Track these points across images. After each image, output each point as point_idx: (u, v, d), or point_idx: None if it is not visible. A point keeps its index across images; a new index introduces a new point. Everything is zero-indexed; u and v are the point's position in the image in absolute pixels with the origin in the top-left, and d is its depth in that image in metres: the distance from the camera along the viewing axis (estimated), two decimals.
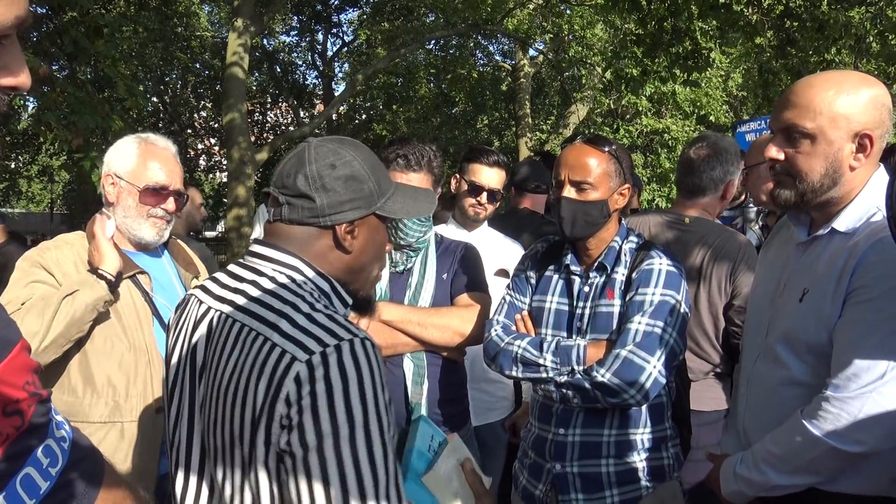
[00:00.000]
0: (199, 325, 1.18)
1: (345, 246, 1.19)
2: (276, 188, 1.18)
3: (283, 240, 1.18)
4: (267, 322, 1.07)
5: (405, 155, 2.03)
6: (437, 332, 1.97)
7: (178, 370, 1.21)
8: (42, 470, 0.78)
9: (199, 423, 1.16)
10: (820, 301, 1.49)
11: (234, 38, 9.73)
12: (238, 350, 1.07)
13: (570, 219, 1.79)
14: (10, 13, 0.68)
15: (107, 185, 2.02)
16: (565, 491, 1.81)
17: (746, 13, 6.85)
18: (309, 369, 1.00)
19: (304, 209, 1.16)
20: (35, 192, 34.18)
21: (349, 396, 1.00)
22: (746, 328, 1.81)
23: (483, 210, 2.70)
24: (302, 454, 0.99)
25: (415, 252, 2.07)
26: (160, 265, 2.13)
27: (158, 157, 2.04)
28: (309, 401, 0.99)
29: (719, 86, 14.84)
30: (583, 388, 1.72)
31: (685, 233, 2.42)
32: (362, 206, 1.19)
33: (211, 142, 22.09)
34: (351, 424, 0.99)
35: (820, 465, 1.45)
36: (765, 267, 1.81)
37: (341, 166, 1.16)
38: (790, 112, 1.50)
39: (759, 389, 1.64)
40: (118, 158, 2.03)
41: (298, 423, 0.99)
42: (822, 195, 1.52)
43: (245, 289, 1.15)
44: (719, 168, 2.42)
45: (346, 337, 1.04)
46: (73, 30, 5.30)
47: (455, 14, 13.58)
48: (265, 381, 1.01)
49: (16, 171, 19.51)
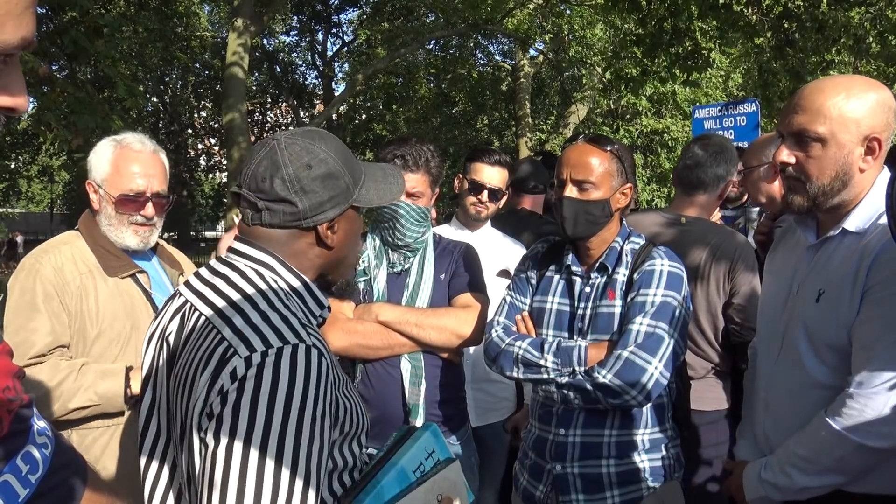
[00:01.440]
0: (175, 317, 1.18)
1: (327, 243, 1.18)
2: (251, 192, 1.15)
3: (261, 240, 1.17)
4: (223, 316, 1.07)
5: (403, 155, 2.03)
6: (434, 333, 1.96)
7: (152, 359, 1.21)
8: (21, 477, 0.77)
9: (164, 412, 1.16)
10: (837, 300, 1.50)
11: (234, 38, 9.74)
12: (195, 341, 1.08)
13: (572, 218, 1.79)
14: (16, 34, 0.67)
15: (90, 193, 2.00)
16: (566, 492, 1.80)
17: (746, 13, 6.85)
18: (246, 366, 0.98)
19: (286, 214, 1.14)
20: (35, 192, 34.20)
21: (274, 400, 0.96)
22: (759, 333, 1.82)
23: (484, 209, 2.70)
24: (213, 447, 0.96)
25: (412, 253, 2.07)
26: (152, 265, 2.13)
27: (134, 161, 1.97)
28: (234, 396, 0.96)
29: (719, 86, 14.85)
30: (584, 389, 1.72)
31: (683, 232, 2.42)
32: (341, 202, 1.18)
33: (211, 142, 22.10)
34: (266, 429, 0.95)
35: (847, 463, 1.46)
36: (773, 271, 1.82)
37: (317, 165, 1.14)
38: (801, 116, 1.52)
39: (781, 393, 1.64)
40: (96, 165, 1.98)
41: (219, 414, 0.96)
42: (833, 198, 1.54)
43: (215, 282, 1.14)
44: (723, 166, 2.44)
45: (291, 341, 1.01)
46: (73, 30, 5.30)
47: (455, 14, 13.58)
48: (209, 372, 1.00)
49: (16, 171, 19.50)
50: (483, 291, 2.09)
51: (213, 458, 0.95)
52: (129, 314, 1.95)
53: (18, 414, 0.77)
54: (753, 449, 1.73)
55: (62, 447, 0.85)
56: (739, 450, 1.81)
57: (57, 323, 1.84)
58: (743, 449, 1.79)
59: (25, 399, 0.79)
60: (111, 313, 1.92)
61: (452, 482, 1.24)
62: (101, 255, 1.96)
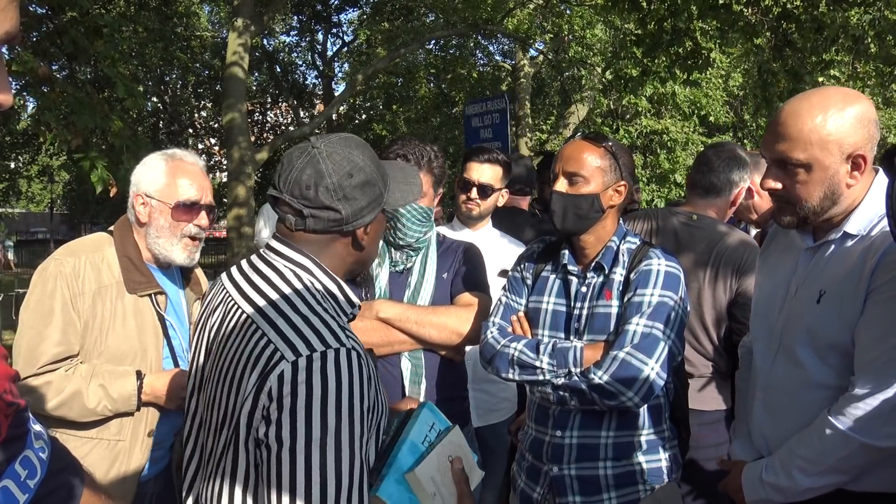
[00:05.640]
0: (217, 310, 1.28)
1: (362, 245, 1.29)
2: (294, 198, 1.22)
3: (300, 242, 1.26)
4: (267, 318, 1.15)
5: (405, 155, 2.03)
6: (434, 331, 1.96)
7: (195, 348, 1.33)
8: (20, 482, 0.77)
9: (203, 398, 1.26)
10: (840, 301, 1.51)
11: (234, 37, 9.72)
12: (240, 338, 1.16)
13: (561, 212, 1.79)
14: (0, 29, 0.67)
15: (137, 206, 1.97)
16: (563, 493, 1.80)
17: (746, 13, 6.85)
18: (293, 371, 1.07)
19: (330, 220, 1.23)
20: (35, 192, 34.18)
21: (326, 403, 1.07)
22: (754, 335, 1.82)
23: (475, 206, 2.69)
24: (276, 449, 1.06)
25: (415, 252, 2.07)
26: (174, 287, 2.10)
27: (188, 174, 1.99)
28: (289, 401, 1.06)
29: (719, 86, 14.85)
30: (580, 391, 1.72)
31: (692, 228, 2.45)
32: (376, 206, 1.28)
33: (211, 142, 22.10)
34: (324, 430, 1.06)
35: (850, 463, 1.47)
36: (766, 273, 1.82)
37: (357, 173, 1.23)
38: (781, 145, 1.53)
39: (780, 394, 1.64)
40: (147, 177, 1.98)
41: (277, 419, 1.06)
42: (823, 215, 1.56)
43: (257, 282, 1.24)
44: (735, 172, 2.49)
45: (333, 345, 1.11)
46: (72, 30, 5.30)
47: (455, 14, 13.57)
48: (256, 373, 1.10)
49: (16, 171, 19.51)
50: (485, 290, 2.10)
51: (279, 460, 1.06)
52: (138, 335, 1.93)
53: (16, 418, 0.77)
54: (749, 449, 1.73)
55: (59, 451, 0.86)
56: (735, 449, 1.81)
57: (71, 332, 1.84)
58: (738, 448, 1.79)
59: (22, 403, 0.79)
60: (121, 332, 1.91)
61: (457, 445, 1.40)
62: (126, 268, 1.94)
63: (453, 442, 1.40)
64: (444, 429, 1.42)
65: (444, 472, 1.34)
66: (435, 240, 2.13)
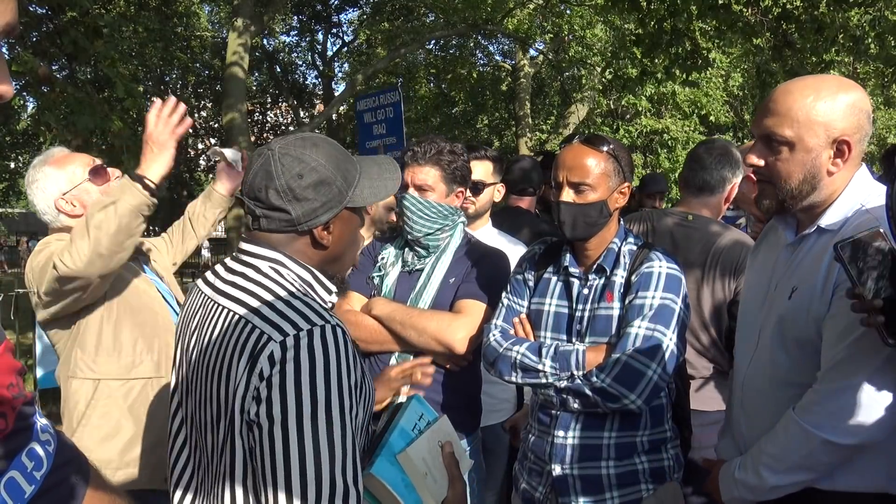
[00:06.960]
0: (197, 314, 1.29)
1: (322, 244, 1.27)
2: (249, 200, 1.25)
3: (264, 241, 1.27)
4: (249, 307, 1.18)
5: (412, 148, 2.04)
6: (414, 334, 1.92)
7: (179, 358, 1.33)
8: (27, 474, 0.77)
9: (192, 402, 1.27)
10: (808, 297, 1.50)
11: (234, 37, 9.73)
12: (225, 332, 1.18)
13: (571, 222, 1.78)
14: None
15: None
16: (565, 493, 1.80)
17: (745, 13, 6.85)
18: (282, 349, 1.09)
19: (282, 220, 1.24)
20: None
21: (315, 377, 1.08)
22: (739, 333, 1.81)
23: (470, 204, 2.67)
24: (268, 426, 1.08)
25: (427, 252, 2.06)
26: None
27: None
28: (279, 378, 1.08)
29: (719, 86, 14.85)
30: (583, 394, 1.72)
31: (689, 229, 2.44)
32: (334, 205, 1.26)
33: (211, 142, 22.08)
34: (314, 403, 1.07)
35: (814, 460, 1.45)
36: (754, 271, 1.82)
37: (308, 174, 1.22)
38: (769, 120, 1.52)
39: (754, 392, 1.64)
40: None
41: (267, 397, 1.08)
42: (801, 200, 1.55)
43: (234, 279, 1.25)
44: (728, 168, 2.48)
45: (318, 322, 1.13)
46: (72, 30, 5.30)
47: (455, 14, 13.56)
48: (245, 357, 1.12)
49: (16, 171, 19.50)
50: (483, 300, 2.00)
51: (272, 437, 1.07)
52: (151, 297, 2.14)
53: (21, 411, 0.78)
54: (733, 448, 1.73)
55: (64, 444, 0.86)
56: (721, 448, 1.81)
57: None
58: (723, 447, 1.79)
59: (28, 395, 0.80)
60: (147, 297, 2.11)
61: (447, 432, 1.45)
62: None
63: (443, 429, 1.45)
64: (433, 419, 1.47)
65: (434, 455, 1.37)
66: (459, 243, 2.09)
